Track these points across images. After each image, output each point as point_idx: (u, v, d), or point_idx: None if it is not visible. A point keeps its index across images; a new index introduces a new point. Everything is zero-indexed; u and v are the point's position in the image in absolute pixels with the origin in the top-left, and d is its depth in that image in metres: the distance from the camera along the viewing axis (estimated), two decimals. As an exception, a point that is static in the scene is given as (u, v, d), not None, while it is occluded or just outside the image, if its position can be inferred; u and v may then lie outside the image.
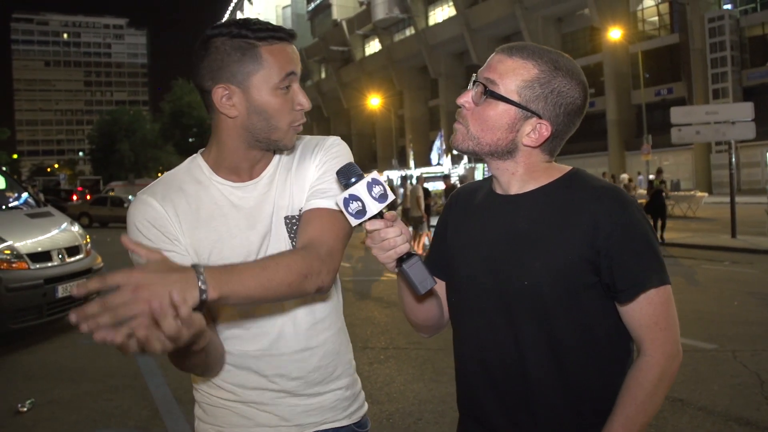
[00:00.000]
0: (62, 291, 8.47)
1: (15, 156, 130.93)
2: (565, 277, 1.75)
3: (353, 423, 2.12)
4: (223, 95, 1.83)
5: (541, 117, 1.78)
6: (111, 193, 43.86)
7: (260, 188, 1.96)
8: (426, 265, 1.72)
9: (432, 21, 70.19)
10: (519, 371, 1.82)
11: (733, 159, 19.99)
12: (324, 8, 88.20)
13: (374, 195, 1.64)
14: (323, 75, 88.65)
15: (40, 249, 8.57)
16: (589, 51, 57.04)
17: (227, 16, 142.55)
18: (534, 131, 1.79)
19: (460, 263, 1.95)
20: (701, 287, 11.72)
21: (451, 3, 65.04)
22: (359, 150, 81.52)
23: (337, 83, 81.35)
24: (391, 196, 1.67)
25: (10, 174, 12.37)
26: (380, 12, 72.96)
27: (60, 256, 8.73)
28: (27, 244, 8.46)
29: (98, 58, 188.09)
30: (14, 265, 8.12)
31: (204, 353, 1.76)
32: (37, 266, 8.34)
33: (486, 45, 59.59)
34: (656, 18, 55.49)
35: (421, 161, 55.68)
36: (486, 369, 1.89)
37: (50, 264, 8.55)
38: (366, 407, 2.21)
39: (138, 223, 1.88)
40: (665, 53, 52.68)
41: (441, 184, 30.70)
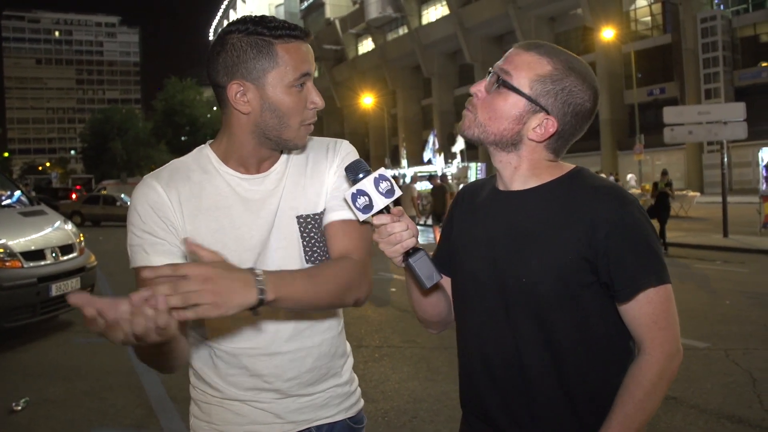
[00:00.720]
0: (56, 289, 8.44)
1: (6, 154, 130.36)
2: (564, 276, 1.76)
3: (348, 418, 2.12)
4: (238, 91, 1.84)
5: (549, 113, 1.80)
6: (103, 192, 43.62)
7: (268, 183, 1.98)
8: (432, 260, 1.74)
9: (425, 20, 70.19)
10: (518, 368, 1.84)
11: (725, 159, 20.08)
12: (317, 7, 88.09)
13: (381, 190, 1.68)
14: (316, 74, 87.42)
15: (34, 247, 8.53)
16: (582, 51, 57.03)
17: (220, 15, 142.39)
18: (540, 126, 1.81)
19: (463, 260, 1.97)
20: (693, 286, 11.76)
21: (445, 2, 65.08)
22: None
23: (330, 82, 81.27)
24: (398, 192, 1.70)
25: (2, 172, 12.33)
26: (373, 11, 72.94)
27: (53, 255, 8.70)
28: (20, 243, 8.43)
29: (90, 56, 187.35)
30: (7, 264, 8.10)
31: (169, 352, 1.81)
32: (31, 265, 8.31)
33: (479, 44, 59.73)
34: (649, 18, 55.65)
35: (414, 160, 55.64)
36: (487, 365, 1.90)
37: (44, 263, 8.51)
38: (362, 403, 2.21)
39: (139, 206, 1.89)
40: (658, 53, 52.78)
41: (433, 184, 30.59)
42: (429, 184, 27.38)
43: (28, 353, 8.13)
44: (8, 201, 9.92)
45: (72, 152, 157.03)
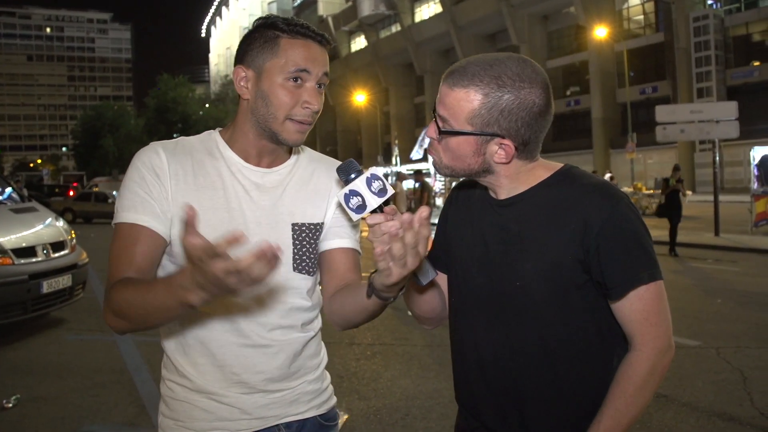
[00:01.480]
0: (47, 287, 8.39)
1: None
2: (557, 277, 1.76)
3: (319, 415, 2.11)
4: (241, 77, 1.94)
5: (503, 136, 1.77)
6: (95, 189, 43.52)
7: (271, 180, 2.02)
8: (427, 258, 1.74)
9: (418, 18, 70.26)
10: (511, 370, 1.84)
11: (717, 158, 20.13)
12: (309, 4, 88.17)
13: (374, 190, 1.68)
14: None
15: (25, 244, 8.49)
16: (575, 49, 57.26)
17: (212, 12, 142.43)
18: (501, 149, 1.79)
19: (458, 261, 1.98)
20: (685, 285, 11.79)
21: (437, 0, 65.08)
22: (345, 147, 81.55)
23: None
24: (391, 191, 1.70)
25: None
26: (366, 8, 73.01)
27: (45, 252, 8.66)
28: (11, 240, 8.38)
29: (82, 53, 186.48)
30: (-2, 261, 8.07)
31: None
32: (22, 262, 8.27)
33: (472, 42, 59.77)
34: (641, 17, 55.78)
35: (407, 158, 55.61)
36: (480, 366, 1.91)
37: (35, 259, 8.47)
38: (334, 400, 2.20)
39: (141, 165, 1.92)
40: (650, 52, 52.93)
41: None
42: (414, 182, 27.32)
43: (19, 350, 8.10)
44: (-1, 198, 9.88)
45: (63, 149, 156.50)
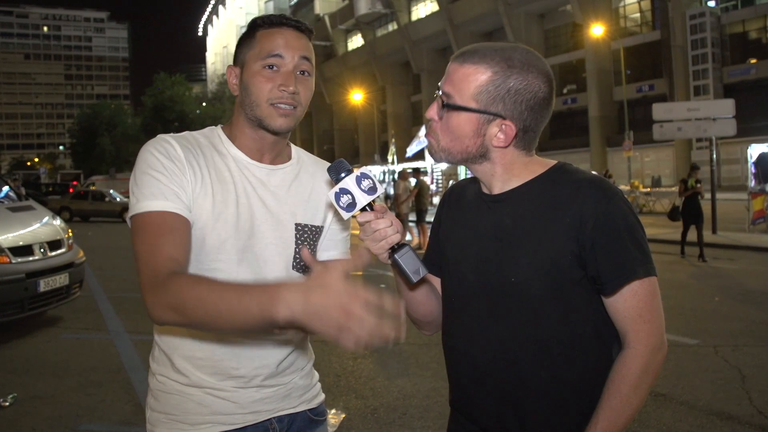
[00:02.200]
0: (44, 285, 8.39)
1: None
2: (553, 273, 1.75)
3: (309, 409, 2.13)
4: (231, 75, 2.04)
5: (504, 117, 1.78)
6: (92, 188, 43.48)
7: (276, 178, 2.06)
8: (417, 255, 1.76)
9: (415, 16, 70.28)
10: (506, 369, 1.83)
11: (714, 155, 20.14)
12: (306, 3, 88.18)
13: (363, 188, 1.71)
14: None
15: (22, 243, 8.48)
16: (572, 47, 57.30)
17: (209, 11, 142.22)
18: (501, 132, 1.79)
19: (450, 261, 1.97)
20: (682, 283, 11.80)
21: (434, -2, 65.13)
22: (341, 145, 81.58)
23: (320, 78, 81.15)
24: (380, 189, 1.74)
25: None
26: (363, 7, 72.98)
27: (42, 250, 8.65)
28: (8, 238, 8.37)
29: (79, 52, 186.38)
30: (-5, 259, 8.06)
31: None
32: (19, 260, 8.26)
33: (469, 40, 59.60)
34: (638, 15, 55.84)
35: (404, 156, 55.64)
36: (474, 366, 1.89)
37: (32, 258, 8.46)
38: (323, 396, 2.23)
39: (157, 152, 1.88)
40: (647, 50, 52.99)
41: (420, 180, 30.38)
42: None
43: (16, 349, 8.09)
44: (-4, 196, 9.87)
45: (60, 148, 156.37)
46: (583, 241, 1.72)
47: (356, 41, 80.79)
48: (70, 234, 9.66)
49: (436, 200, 38.15)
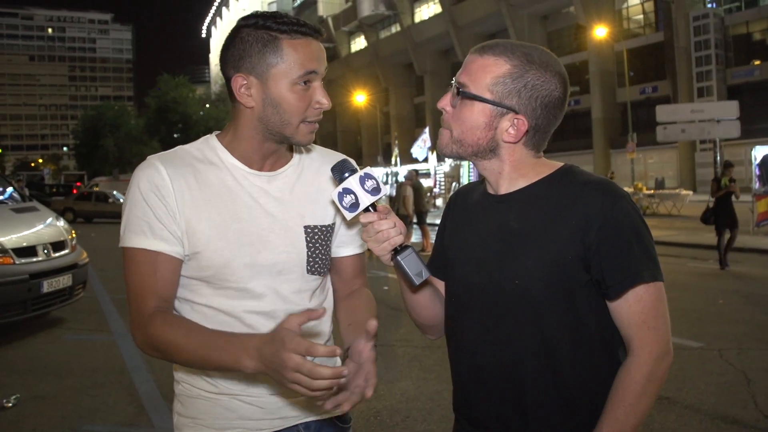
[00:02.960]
0: (47, 286, 8.39)
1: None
2: (558, 275, 1.73)
3: (335, 417, 2.10)
4: (242, 85, 1.86)
5: (518, 112, 1.77)
6: (95, 189, 43.51)
7: (278, 183, 1.99)
8: (421, 257, 1.74)
9: (418, 18, 70.23)
10: (511, 372, 1.81)
11: (718, 157, 20.10)
12: (309, 4, 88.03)
13: (367, 188, 1.70)
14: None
15: (26, 244, 8.49)
16: (575, 49, 57.20)
17: (213, 13, 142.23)
18: (512, 126, 1.78)
19: (455, 264, 1.95)
20: (686, 285, 11.76)
21: (437, 0, 65.08)
22: (345, 147, 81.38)
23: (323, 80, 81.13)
24: (384, 190, 1.73)
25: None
26: (366, 8, 72.99)
27: (45, 251, 8.65)
28: (12, 239, 8.38)
29: (83, 53, 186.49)
30: (-1, 260, 8.07)
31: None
32: (22, 261, 8.26)
33: (472, 42, 59.18)
34: (641, 16, 55.72)
35: (407, 158, 55.67)
36: (478, 370, 1.88)
37: (35, 259, 8.47)
38: None
39: (142, 186, 1.86)
40: (650, 51, 52.86)
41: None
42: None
43: (19, 350, 8.09)
44: (0, 197, 9.87)
45: (64, 149, 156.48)
46: (589, 244, 1.70)
47: (359, 43, 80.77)
48: (74, 235, 9.66)
49: (439, 202, 38.20)
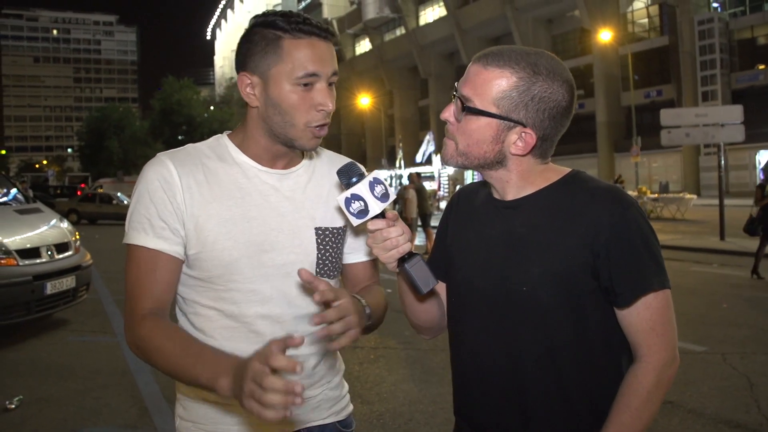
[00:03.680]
0: (51, 288, 8.40)
1: (3, 152, 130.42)
2: (565, 283, 1.72)
3: (338, 421, 2.10)
4: (246, 84, 1.87)
5: (525, 125, 1.73)
6: (99, 190, 43.54)
7: (289, 183, 1.98)
8: (428, 266, 1.71)
9: (422, 21, 70.27)
10: (512, 376, 1.80)
11: (722, 161, 20.07)
12: (314, 7, 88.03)
13: (376, 194, 1.65)
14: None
15: (29, 245, 8.49)
16: (579, 53, 57.16)
17: (218, 14, 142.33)
18: (520, 139, 1.75)
19: (458, 266, 1.93)
20: (690, 289, 11.73)
21: (442, 3, 65.13)
22: (348, 150, 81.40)
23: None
24: (393, 195, 1.68)
25: (-1, 170, 12.29)
26: (371, 11, 73.02)
27: (49, 253, 8.66)
28: (16, 241, 8.39)
29: (88, 55, 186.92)
30: (2, 262, 8.05)
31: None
32: (26, 263, 8.27)
33: (476, 45, 59.69)
34: (646, 20, 55.70)
35: (411, 161, 55.69)
36: (480, 374, 1.86)
37: (39, 261, 8.47)
38: (351, 408, 2.19)
39: (149, 183, 1.86)
40: (655, 55, 52.83)
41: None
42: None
43: (22, 351, 8.09)
44: (4, 198, 9.88)
45: (69, 150, 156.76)
46: (597, 251, 1.69)
47: (364, 46, 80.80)
48: (78, 237, 9.67)
49: (443, 205, 38.18)
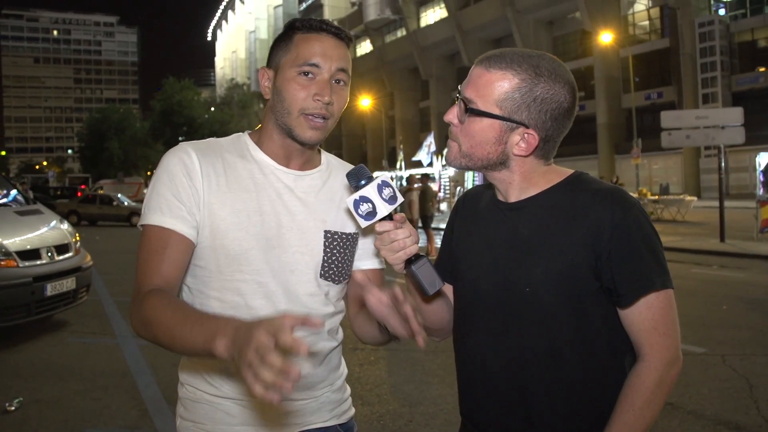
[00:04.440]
0: (51, 289, 8.39)
1: (3, 153, 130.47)
2: (568, 283, 1.73)
3: (339, 424, 2.10)
4: (263, 77, 1.98)
5: (528, 126, 1.75)
6: (100, 191, 43.52)
7: (304, 184, 2.02)
8: (434, 267, 1.72)
9: (423, 22, 70.33)
10: (517, 377, 1.80)
11: (722, 163, 20.06)
12: (315, 8, 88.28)
13: (384, 197, 1.68)
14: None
15: (29, 247, 8.49)
16: (580, 54, 57.21)
17: (218, 15, 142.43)
18: (522, 140, 1.77)
19: (464, 268, 1.94)
20: (690, 291, 11.72)
21: (443, 5, 65.20)
22: (349, 151, 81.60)
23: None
24: (400, 198, 1.70)
25: (-1, 171, 12.29)
26: (372, 13, 73.10)
27: (49, 254, 8.65)
28: (16, 242, 8.38)
29: (88, 56, 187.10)
30: (2, 263, 8.05)
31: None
32: (26, 264, 8.26)
33: (477, 47, 59.74)
34: (647, 22, 55.74)
35: (412, 162, 55.71)
36: (485, 375, 1.87)
37: (39, 262, 8.46)
38: (353, 411, 2.20)
39: (171, 165, 1.90)
40: (655, 57, 52.88)
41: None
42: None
43: (22, 353, 8.09)
44: (4, 200, 9.88)
45: (69, 151, 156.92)
46: (600, 252, 1.70)
47: (365, 47, 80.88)
48: (78, 238, 9.67)
49: (444, 206, 38.20)
